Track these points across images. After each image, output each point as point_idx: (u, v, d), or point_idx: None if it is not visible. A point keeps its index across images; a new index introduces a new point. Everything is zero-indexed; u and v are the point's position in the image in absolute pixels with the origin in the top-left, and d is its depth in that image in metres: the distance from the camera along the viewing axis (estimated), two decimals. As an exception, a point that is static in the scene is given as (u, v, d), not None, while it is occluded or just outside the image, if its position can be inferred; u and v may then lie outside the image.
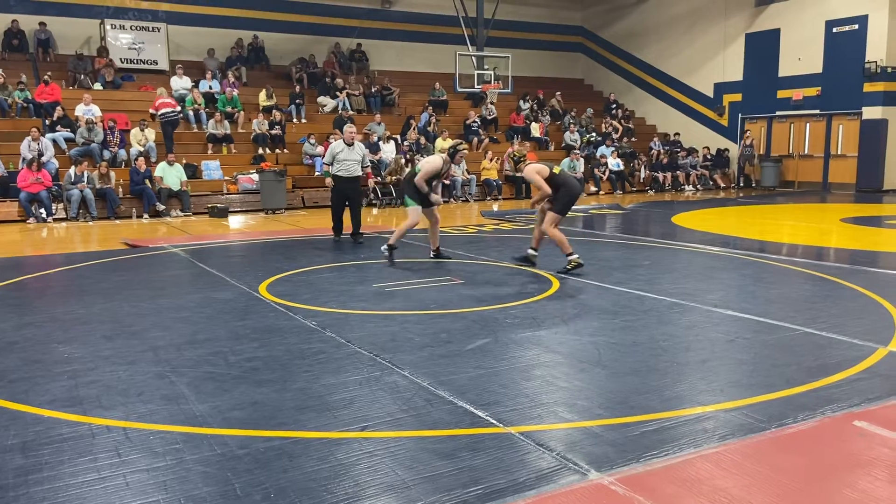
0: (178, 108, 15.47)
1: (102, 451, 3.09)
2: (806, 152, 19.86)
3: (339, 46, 21.05)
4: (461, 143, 8.28)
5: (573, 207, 7.66)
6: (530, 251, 7.67)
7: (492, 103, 19.85)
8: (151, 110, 15.19)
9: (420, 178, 7.83)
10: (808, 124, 19.69)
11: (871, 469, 2.87)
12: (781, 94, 19.94)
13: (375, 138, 16.76)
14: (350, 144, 9.75)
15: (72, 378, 4.08)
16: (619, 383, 3.95)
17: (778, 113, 20.21)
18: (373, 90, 19.58)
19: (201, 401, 3.68)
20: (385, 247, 8.00)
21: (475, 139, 18.84)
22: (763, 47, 20.16)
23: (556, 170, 7.32)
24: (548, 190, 7.19)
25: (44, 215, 12.69)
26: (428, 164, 7.95)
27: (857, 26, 18.06)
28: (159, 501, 2.65)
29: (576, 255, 7.22)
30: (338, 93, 18.65)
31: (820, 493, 2.71)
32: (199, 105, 16.61)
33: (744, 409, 3.52)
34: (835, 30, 18.52)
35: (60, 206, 13.06)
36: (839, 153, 19.07)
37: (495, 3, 19.17)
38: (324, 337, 4.91)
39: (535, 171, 7.25)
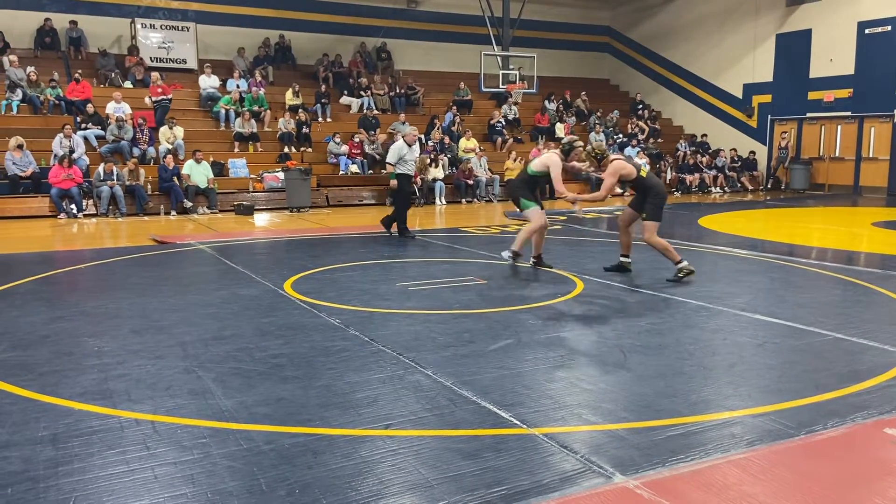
0: (170, 96, 16.15)
1: (131, 444, 3.13)
2: (837, 155, 19.54)
3: (364, 46, 21.14)
4: (577, 140, 7.53)
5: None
6: (622, 259, 7.34)
7: (516, 103, 19.80)
8: (148, 98, 15.86)
9: (559, 183, 7.20)
10: (839, 126, 19.37)
11: (904, 478, 2.82)
12: (812, 95, 19.64)
13: (400, 138, 16.78)
14: (411, 145, 10.19)
15: (101, 371, 4.14)
16: (645, 386, 3.92)
17: (808, 115, 19.90)
18: (397, 90, 19.63)
19: (228, 396, 3.72)
20: (506, 253, 7.48)
21: (499, 139, 18.82)
22: (794, 48, 19.87)
23: (644, 172, 6.88)
24: (604, 196, 6.93)
25: (74, 211, 12.91)
26: (556, 165, 7.24)
27: (889, 28, 17.73)
28: (187, 495, 2.68)
29: (686, 262, 6.80)
30: (362, 92, 18.73)
31: (849, 501, 2.66)
32: (236, 105, 16.71)
33: (772, 415, 3.47)
34: (867, 31, 18.19)
35: (90, 202, 13.28)
36: (871, 156, 18.73)
37: (521, 2, 19.12)
38: (348, 335, 4.93)
39: (618, 170, 6.79)
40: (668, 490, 2.71)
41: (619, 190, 7.34)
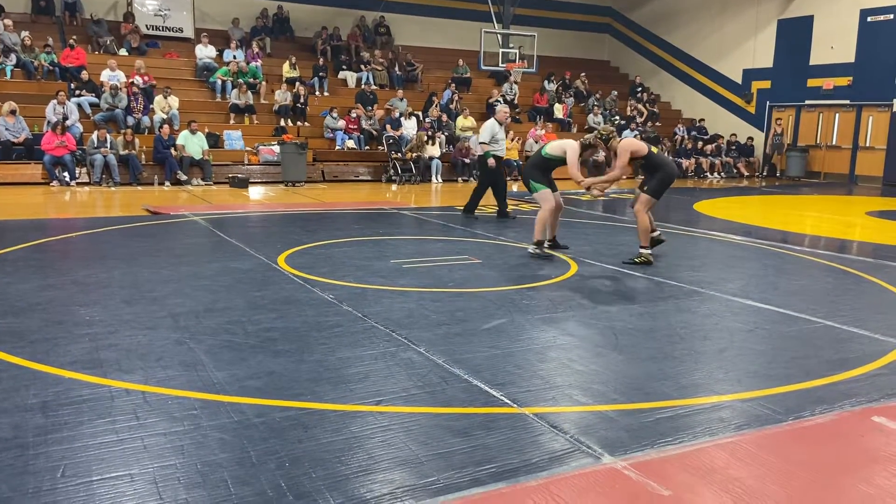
0: (153, 83, 15.58)
1: (121, 414, 3.13)
2: (834, 143, 19.53)
3: (363, 20, 20.90)
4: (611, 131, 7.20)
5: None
6: (652, 235, 7.26)
7: (516, 82, 19.66)
8: (137, 78, 15.37)
9: (574, 167, 7.01)
10: (837, 114, 19.34)
11: (889, 465, 2.84)
12: (812, 82, 19.58)
13: (397, 114, 16.69)
14: (502, 123, 9.77)
15: (92, 340, 4.13)
16: (635, 369, 3.94)
17: (807, 102, 19.86)
18: (396, 69, 19.42)
19: (219, 368, 3.72)
20: (532, 247, 7.17)
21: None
22: (795, 34, 19.77)
23: (655, 150, 6.92)
24: (619, 175, 6.91)
25: (67, 179, 12.82)
26: (573, 150, 7.02)
27: (892, 16, 17.65)
28: (176, 465, 2.69)
29: (649, 251, 6.86)
30: (361, 66, 18.57)
31: (835, 487, 2.69)
32: (233, 76, 16.46)
33: (761, 400, 3.49)
34: (869, 19, 18.10)
35: (84, 170, 13.18)
36: (867, 145, 18.74)
37: (523, -20, 18.93)
38: (341, 311, 4.93)
39: (629, 147, 6.76)
40: (655, 471, 2.73)
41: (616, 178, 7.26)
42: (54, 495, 2.46)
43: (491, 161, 9.84)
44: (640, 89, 22.27)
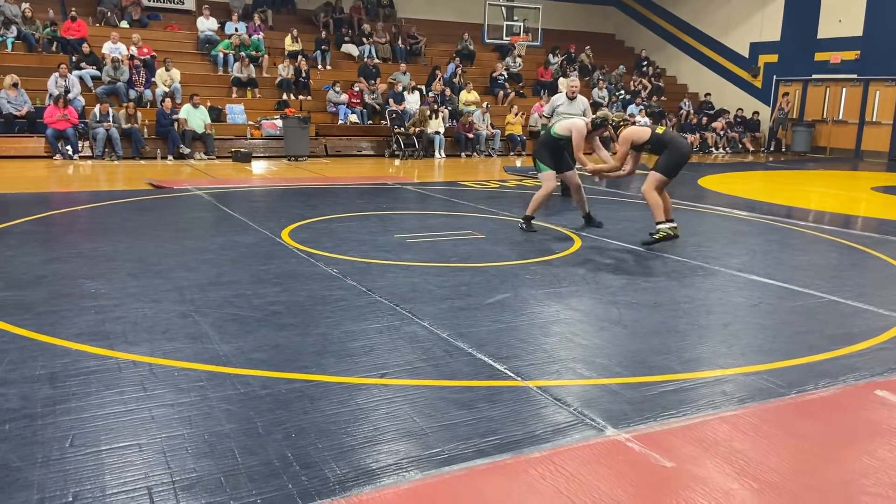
0: (153, 54, 15.35)
1: (129, 385, 3.15)
2: (840, 118, 19.37)
3: (366, -8, 20.67)
4: (612, 118, 7.03)
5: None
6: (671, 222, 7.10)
7: (520, 56, 19.47)
8: (133, 47, 15.17)
9: (579, 150, 6.94)
10: (843, 89, 19.15)
11: (891, 438, 2.86)
12: (819, 56, 19.35)
13: (400, 88, 16.56)
14: (572, 98, 9.07)
15: (99, 313, 4.15)
16: (639, 343, 3.95)
17: (814, 76, 19.65)
18: (399, 42, 19.21)
19: (225, 341, 3.74)
20: (522, 221, 7.21)
21: (501, 93, 18.58)
22: (803, 7, 19.50)
23: (660, 129, 6.75)
24: (618, 164, 6.78)
25: (70, 152, 12.79)
26: (579, 132, 6.93)
27: (902, -11, 17.41)
28: (184, 435, 2.72)
29: (667, 226, 6.55)
30: (364, 39, 18.40)
31: (838, 460, 2.71)
32: (235, 50, 16.29)
33: (764, 374, 3.50)
34: (879, -9, 17.86)
35: (86, 143, 13.14)
36: (874, 120, 18.58)
37: (528, -49, 18.66)
38: (345, 285, 4.94)
39: (630, 136, 6.60)
40: (658, 444, 2.75)
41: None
42: (63, 464, 2.49)
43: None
44: (645, 63, 22.04)
